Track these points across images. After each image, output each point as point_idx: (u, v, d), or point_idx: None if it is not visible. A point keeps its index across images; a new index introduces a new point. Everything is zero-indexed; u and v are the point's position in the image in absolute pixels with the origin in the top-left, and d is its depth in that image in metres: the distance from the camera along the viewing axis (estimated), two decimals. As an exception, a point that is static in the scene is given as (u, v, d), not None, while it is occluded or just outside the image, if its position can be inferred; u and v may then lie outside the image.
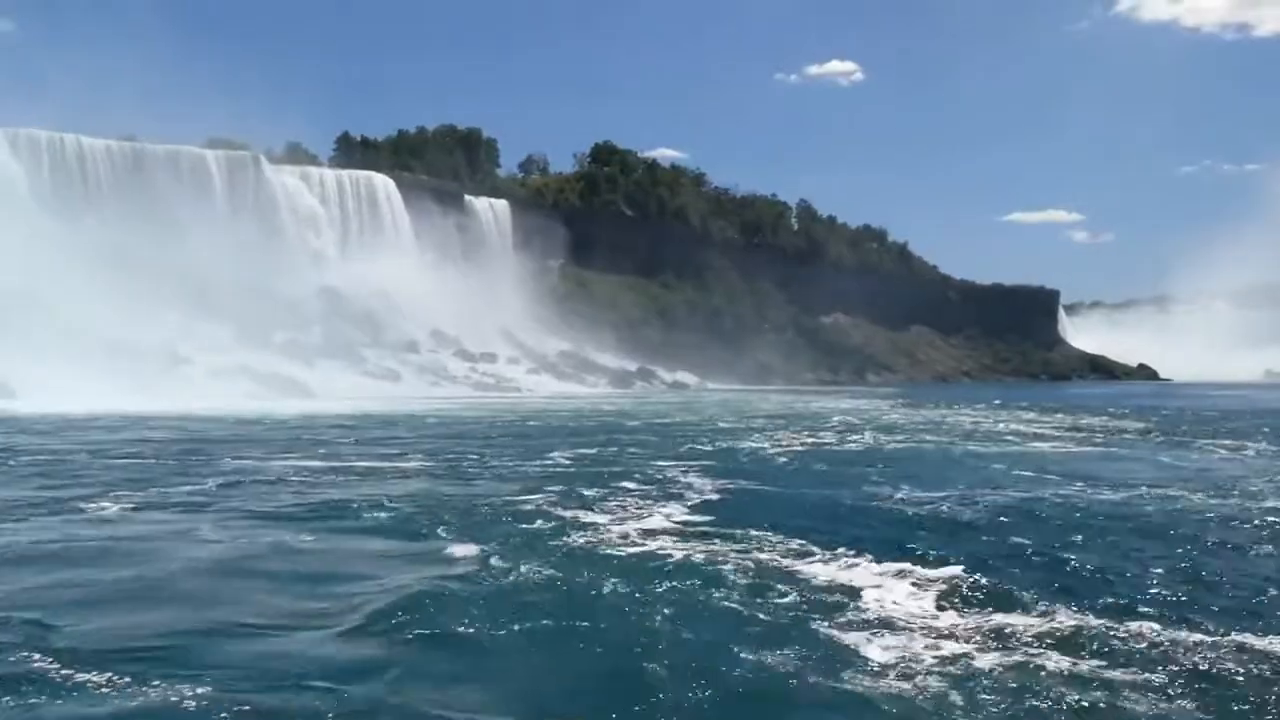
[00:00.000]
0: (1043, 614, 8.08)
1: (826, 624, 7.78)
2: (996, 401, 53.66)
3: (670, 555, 10.20)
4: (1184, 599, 8.75)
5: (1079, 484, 16.47)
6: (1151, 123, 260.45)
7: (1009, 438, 27.87)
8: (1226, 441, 26.68)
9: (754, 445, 24.89)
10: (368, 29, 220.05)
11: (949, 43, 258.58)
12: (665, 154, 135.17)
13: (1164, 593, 8.98)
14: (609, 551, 10.42)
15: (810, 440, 26.85)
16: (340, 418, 34.58)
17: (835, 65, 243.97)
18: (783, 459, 21.73)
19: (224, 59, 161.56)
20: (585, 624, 7.76)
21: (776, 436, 28.04)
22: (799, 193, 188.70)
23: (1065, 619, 7.92)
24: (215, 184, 76.41)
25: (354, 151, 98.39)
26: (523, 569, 9.39)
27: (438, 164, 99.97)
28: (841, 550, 10.39)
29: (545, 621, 7.78)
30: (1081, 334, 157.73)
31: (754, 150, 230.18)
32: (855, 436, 28.34)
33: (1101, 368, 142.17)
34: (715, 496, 14.80)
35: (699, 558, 10.09)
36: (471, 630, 7.53)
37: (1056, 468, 19.32)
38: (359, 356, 66.90)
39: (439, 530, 11.52)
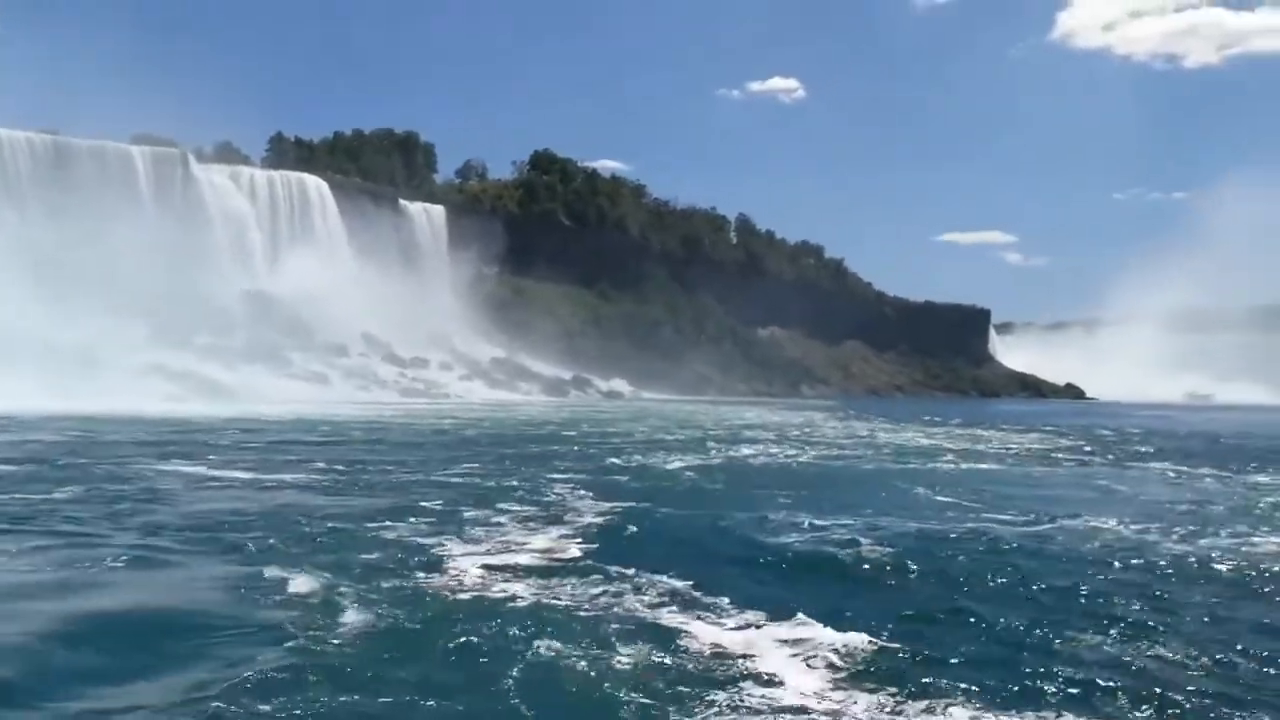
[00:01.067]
0: (965, 698, 6.68)
1: (704, 708, 6.41)
2: (925, 417, 54.00)
3: (525, 602, 8.81)
4: (1123, 674, 7.30)
5: (1006, 514, 15.25)
6: (1085, 148, 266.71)
7: (933, 456, 27.46)
8: (1156, 464, 26.37)
9: (666, 459, 24.11)
10: (309, 31, 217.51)
11: (889, 64, 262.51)
12: (608, 165, 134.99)
13: (1098, 663, 7.54)
14: (452, 594, 9.02)
15: (727, 454, 26.39)
16: (254, 422, 33.69)
17: (777, 82, 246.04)
18: (690, 474, 20.97)
19: (160, 57, 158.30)
20: (384, 692, 6.48)
21: (694, 449, 27.61)
22: (739, 206, 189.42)
23: (991, 708, 6.56)
24: (141, 181, 74.64)
25: (288, 152, 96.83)
26: (329, 615, 8.08)
27: (374, 167, 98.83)
28: (729, 600, 8.97)
29: (325, 684, 6.50)
30: (1013, 352, 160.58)
31: (695, 163, 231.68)
32: (776, 451, 28.01)
33: (1030, 386, 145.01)
34: (601, 521, 13.47)
35: (560, 605, 8.73)
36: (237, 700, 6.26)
37: (981, 492, 18.28)
38: (285, 360, 65.56)
39: (271, 558, 10.22)
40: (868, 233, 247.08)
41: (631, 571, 10.02)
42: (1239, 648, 8.11)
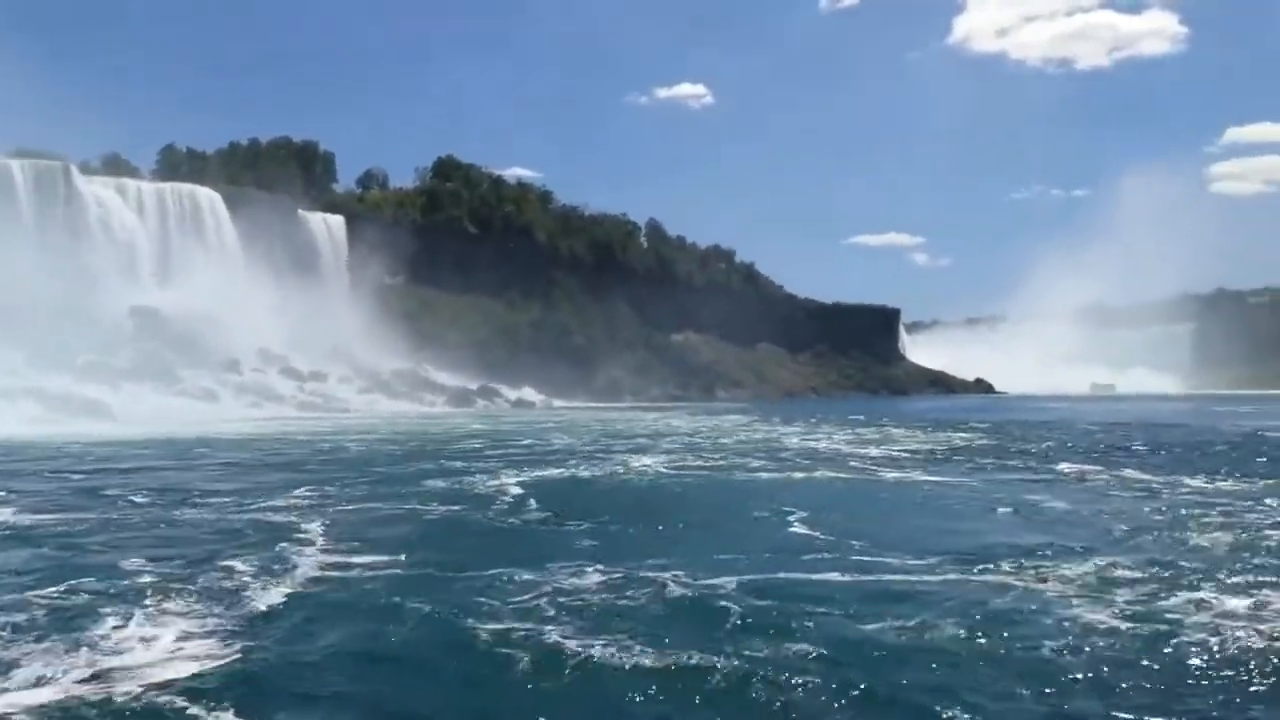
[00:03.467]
0: None
1: None
2: (832, 418, 53.86)
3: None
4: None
5: (891, 556, 11.67)
6: (984, 150, 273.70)
7: (830, 466, 24.88)
8: (1069, 466, 24.00)
9: (503, 478, 20.89)
10: (204, 39, 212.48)
11: (795, 68, 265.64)
12: (517, 173, 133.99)
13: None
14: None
15: (592, 470, 24.06)
16: (115, 444, 31.98)
17: (685, 88, 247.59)
18: (508, 499, 17.64)
19: (44, 68, 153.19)
20: None
21: (554, 463, 25.56)
22: (649, 213, 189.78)
23: None
24: (20, 196, 71.96)
25: (180, 164, 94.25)
26: None
27: (271, 178, 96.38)
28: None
29: None
30: (923, 350, 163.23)
31: (605, 170, 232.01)
32: (650, 462, 25.97)
33: (940, 382, 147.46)
34: (301, 592, 9.81)
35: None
36: None
37: (864, 517, 15.43)
38: (173, 377, 63.36)
39: None
40: (778, 237, 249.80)
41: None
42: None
